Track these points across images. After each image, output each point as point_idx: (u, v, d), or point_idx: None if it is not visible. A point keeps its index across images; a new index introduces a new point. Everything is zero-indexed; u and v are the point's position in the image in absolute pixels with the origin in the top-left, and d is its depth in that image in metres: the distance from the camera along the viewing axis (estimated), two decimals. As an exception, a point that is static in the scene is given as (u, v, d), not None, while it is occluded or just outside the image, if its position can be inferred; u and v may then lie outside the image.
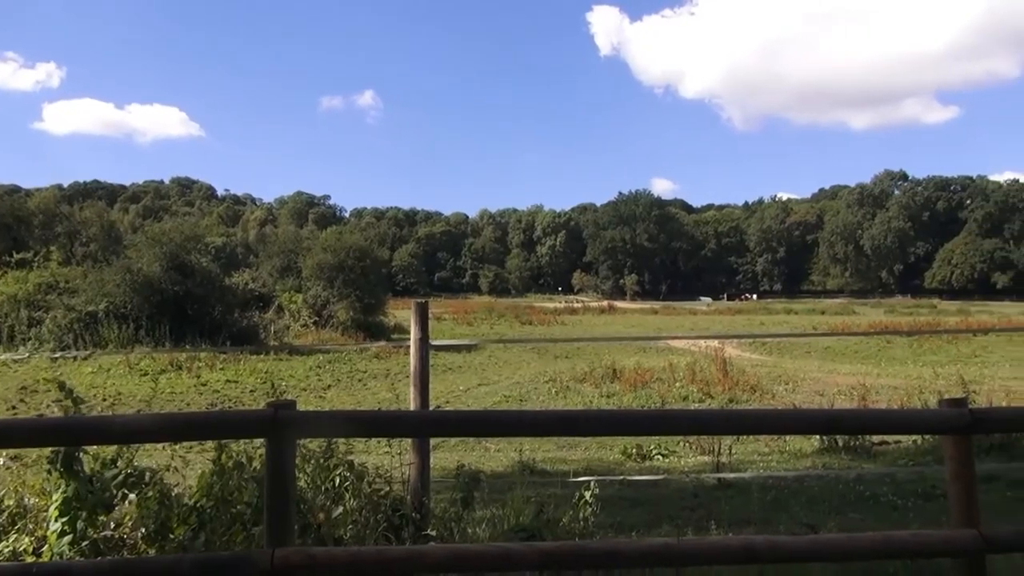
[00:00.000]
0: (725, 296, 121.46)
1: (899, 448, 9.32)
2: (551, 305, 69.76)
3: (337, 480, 4.18)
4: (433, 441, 11.51)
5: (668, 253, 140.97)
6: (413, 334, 4.65)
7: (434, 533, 4.16)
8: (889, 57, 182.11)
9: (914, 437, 9.19)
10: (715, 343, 24.67)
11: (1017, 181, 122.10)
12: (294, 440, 3.40)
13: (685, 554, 3.32)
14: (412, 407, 4.63)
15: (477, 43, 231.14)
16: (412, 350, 4.63)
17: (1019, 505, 6.52)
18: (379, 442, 8.68)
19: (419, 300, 4.84)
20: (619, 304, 79.47)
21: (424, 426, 3.85)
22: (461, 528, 4.27)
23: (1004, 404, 12.60)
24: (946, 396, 4.03)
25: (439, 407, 16.04)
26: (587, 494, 4.50)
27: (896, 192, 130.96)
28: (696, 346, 25.99)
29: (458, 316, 47.56)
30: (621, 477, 7.34)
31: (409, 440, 4.70)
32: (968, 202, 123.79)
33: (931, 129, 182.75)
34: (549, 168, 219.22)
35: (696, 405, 15.79)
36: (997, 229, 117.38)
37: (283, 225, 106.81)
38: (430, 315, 4.92)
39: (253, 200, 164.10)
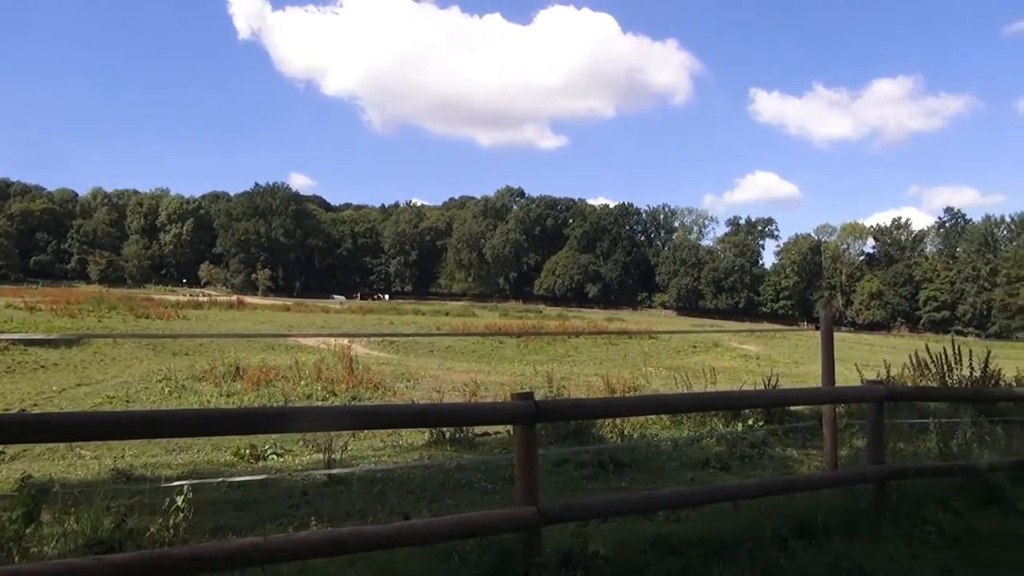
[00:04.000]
0: (359, 295, 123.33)
1: (496, 438, 10.26)
2: (173, 298, 64.68)
3: None
4: (13, 449, 10.01)
5: (304, 249, 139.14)
6: (-29, 327, 3.99)
7: (-15, 556, 3.62)
8: (514, 84, 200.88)
9: (509, 427, 10.21)
10: (344, 341, 24.96)
11: (607, 206, 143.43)
12: None
13: (274, 552, 3.35)
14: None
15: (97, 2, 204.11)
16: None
17: (583, 483, 7.65)
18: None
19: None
20: (250, 299, 76.23)
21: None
22: (22, 548, 3.77)
23: (585, 396, 14.60)
24: (538, 391, 4.59)
25: (23, 411, 13.91)
26: (179, 499, 4.28)
27: (514, 207, 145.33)
28: (325, 344, 26.04)
29: (58, 307, 41.41)
30: (227, 479, 7.08)
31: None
32: (571, 221, 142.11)
33: (545, 153, 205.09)
34: (177, 150, 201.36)
35: (320, 402, 15.81)
36: (591, 246, 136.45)
37: None
38: (21, 304, 4.27)
39: None
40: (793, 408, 11.18)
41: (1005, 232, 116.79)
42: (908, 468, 6.46)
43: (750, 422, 10.45)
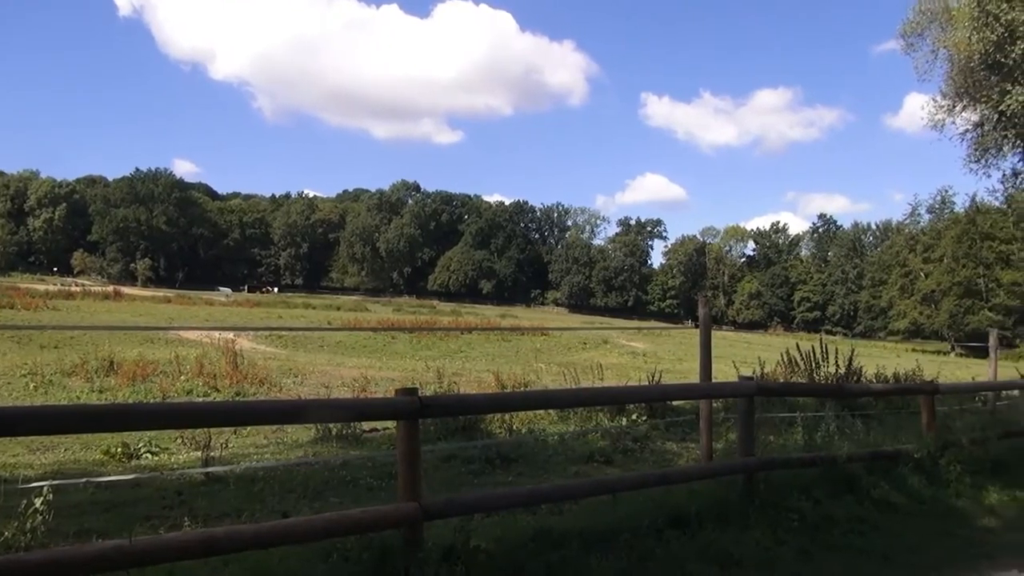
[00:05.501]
0: (246, 288, 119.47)
1: (385, 434, 10.14)
2: (42, 287, 60.54)
3: None
4: None
5: (188, 239, 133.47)
6: None
7: None
8: (411, 77, 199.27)
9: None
10: (229, 335, 24.07)
11: (503, 203, 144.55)
12: None
13: (140, 554, 3.21)
14: None
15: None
16: None
17: (469, 478, 7.67)
18: None
19: None
20: (128, 290, 72.40)
21: None
22: None
23: (475, 392, 14.64)
24: (429, 386, 4.57)
25: None
26: (38, 501, 4.03)
27: (410, 201, 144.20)
28: (209, 338, 25.01)
29: (-93, 295, 38.17)
30: (93, 480, 6.70)
31: None
32: (466, 217, 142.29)
33: (441, 148, 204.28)
34: (50, 131, 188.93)
35: (201, 398, 15.22)
36: (486, 243, 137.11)
37: None
38: None
39: None
40: (675, 403, 11.59)
41: (871, 238, 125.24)
42: (775, 460, 6.83)
43: (634, 417, 10.79)
